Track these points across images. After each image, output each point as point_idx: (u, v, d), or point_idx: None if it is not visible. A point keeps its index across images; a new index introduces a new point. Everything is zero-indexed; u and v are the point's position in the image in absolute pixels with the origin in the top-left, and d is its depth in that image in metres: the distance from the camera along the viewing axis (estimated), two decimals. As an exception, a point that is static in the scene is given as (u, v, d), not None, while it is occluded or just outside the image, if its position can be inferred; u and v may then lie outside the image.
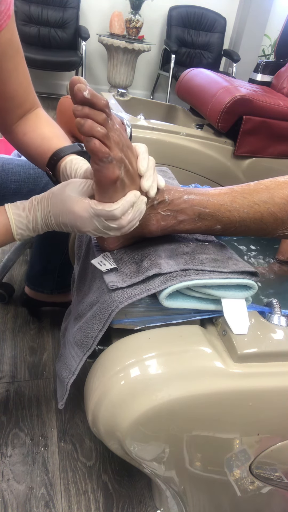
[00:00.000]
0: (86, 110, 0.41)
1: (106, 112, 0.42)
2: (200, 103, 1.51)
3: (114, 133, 0.44)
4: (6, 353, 1.07)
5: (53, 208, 0.51)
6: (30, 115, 0.68)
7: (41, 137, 0.66)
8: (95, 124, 0.41)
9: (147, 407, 0.49)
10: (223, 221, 0.56)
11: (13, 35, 0.59)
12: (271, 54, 3.70)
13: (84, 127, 0.41)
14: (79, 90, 0.40)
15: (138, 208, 0.50)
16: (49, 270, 1.06)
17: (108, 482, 0.82)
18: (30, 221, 0.52)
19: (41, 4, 3.11)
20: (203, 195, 0.56)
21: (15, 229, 0.52)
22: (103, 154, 0.43)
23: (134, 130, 1.24)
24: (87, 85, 0.40)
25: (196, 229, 0.57)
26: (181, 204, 0.55)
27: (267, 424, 0.54)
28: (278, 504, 0.72)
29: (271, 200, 0.55)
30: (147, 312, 0.54)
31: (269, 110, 1.40)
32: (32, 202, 0.53)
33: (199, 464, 0.59)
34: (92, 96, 0.40)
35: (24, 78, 0.64)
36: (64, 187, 0.51)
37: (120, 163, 0.46)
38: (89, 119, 0.41)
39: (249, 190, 0.57)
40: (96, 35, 3.26)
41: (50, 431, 0.89)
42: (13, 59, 0.61)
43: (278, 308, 0.56)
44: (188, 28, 3.50)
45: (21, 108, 0.66)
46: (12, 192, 0.85)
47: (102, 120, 0.42)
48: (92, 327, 0.54)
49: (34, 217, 0.52)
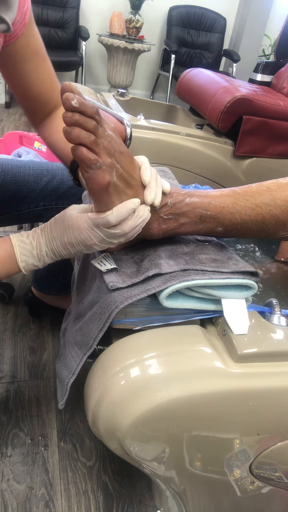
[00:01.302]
0: (76, 116, 0.41)
1: (95, 119, 0.42)
2: (200, 103, 1.51)
3: (104, 139, 0.44)
4: (6, 353, 1.07)
5: (56, 230, 0.51)
6: (56, 114, 0.71)
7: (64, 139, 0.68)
8: (82, 131, 0.42)
9: (147, 407, 0.49)
10: (225, 223, 0.56)
11: (30, 40, 0.62)
12: (271, 54, 3.70)
13: (71, 135, 0.42)
14: (67, 99, 0.40)
15: (141, 215, 0.50)
16: (54, 271, 1.07)
17: (108, 482, 0.82)
18: (34, 248, 0.52)
19: (41, 4, 3.11)
20: (205, 197, 0.56)
21: (20, 255, 0.52)
22: (90, 161, 0.43)
23: (134, 130, 1.24)
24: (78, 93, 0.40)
25: (198, 232, 0.57)
26: (183, 207, 0.55)
27: (267, 424, 0.54)
28: (278, 504, 0.72)
29: (273, 202, 0.55)
30: (147, 312, 0.54)
31: (269, 110, 1.40)
32: (36, 231, 0.53)
33: (199, 464, 0.59)
34: (80, 105, 0.40)
35: (46, 78, 0.67)
36: (65, 211, 0.52)
37: (111, 168, 0.46)
38: (79, 126, 0.41)
39: (251, 192, 0.56)
40: (96, 35, 3.26)
41: (50, 431, 0.89)
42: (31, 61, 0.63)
43: (278, 308, 0.56)
44: (188, 28, 3.50)
45: (46, 107, 0.69)
46: (12, 193, 0.85)
47: (92, 127, 0.42)
48: (92, 327, 0.54)
49: (38, 244, 0.52)
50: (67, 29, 3.21)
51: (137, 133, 1.30)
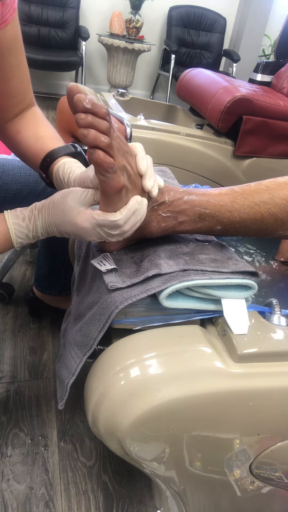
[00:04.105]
0: (89, 118, 0.40)
1: (107, 120, 0.41)
2: (200, 103, 1.51)
3: (115, 141, 0.44)
4: (6, 353, 1.07)
5: (54, 218, 0.51)
6: (26, 113, 0.68)
7: (34, 136, 0.66)
8: (99, 134, 0.41)
9: (147, 407, 0.49)
10: (224, 221, 0.56)
11: (17, 31, 0.59)
12: (271, 54, 3.70)
13: (88, 137, 0.40)
14: (79, 100, 0.39)
15: (140, 212, 0.50)
16: (56, 271, 1.07)
17: (108, 482, 0.82)
18: (30, 230, 0.52)
19: (41, 4, 3.11)
20: (204, 195, 0.56)
21: (15, 238, 0.52)
22: (108, 165, 0.42)
23: (134, 130, 1.24)
24: (87, 94, 0.40)
25: (197, 230, 0.57)
26: (181, 205, 0.55)
27: (267, 424, 0.54)
28: (278, 504, 0.72)
29: (271, 200, 0.55)
30: (147, 312, 0.54)
31: (269, 110, 1.40)
32: (32, 211, 0.52)
33: (199, 464, 0.59)
34: (93, 106, 0.39)
35: (25, 76, 0.64)
36: (65, 197, 0.50)
37: (123, 170, 0.46)
38: (93, 128, 0.40)
39: (249, 191, 0.57)
40: (96, 35, 3.26)
41: (50, 431, 0.89)
42: (17, 55, 0.60)
43: (278, 308, 0.56)
44: (188, 28, 3.50)
45: (20, 105, 0.66)
46: (12, 194, 0.85)
47: (106, 128, 0.41)
48: (92, 327, 0.54)
49: (34, 227, 0.52)
50: (67, 29, 3.21)
51: (137, 133, 1.30)
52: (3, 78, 0.61)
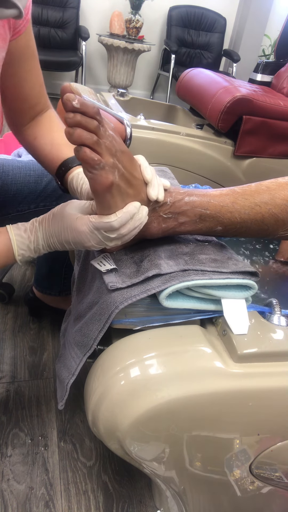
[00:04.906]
0: (78, 117, 0.41)
1: (97, 119, 0.42)
2: (200, 103, 1.51)
3: (106, 139, 0.44)
4: (6, 353, 1.07)
5: (54, 227, 0.52)
6: (42, 118, 0.69)
7: (50, 143, 0.67)
8: (84, 132, 0.42)
9: (147, 407, 0.49)
10: (224, 222, 0.56)
11: (30, 38, 0.61)
12: (271, 54, 3.70)
13: (73, 136, 0.42)
14: (68, 100, 0.40)
15: (139, 218, 0.51)
16: (56, 271, 1.07)
17: (108, 482, 0.82)
18: (32, 242, 0.53)
19: (41, 4, 3.11)
20: (204, 196, 0.56)
21: (17, 249, 0.53)
22: (94, 162, 0.43)
23: (134, 130, 1.24)
24: (79, 94, 0.41)
25: (197, 231, 0.57)
26: (182, 206, 0.55)
27: (267, 424, 0.54)
28: (278, 504, 0.72)
29: (272, 201, 0.55)
30: (147, 312, 0.54)
31: (269, 110, 1.40)
32: (33, 224, 0.54)
33: (199, 464, 0.59)
34: (81, 105, 0.40)
35: (38, 80, 0.66)
36: (64, 207, 0.52)
37: (113, 168, 0.46)
38: (80, 127, 0.41)
39: (250, 191, 0.57)
40: (96, 35, 3.26)
41: (50, 431, 0.89)
42: (28, 61, 0.62)
43: (278, 308, 0.56)
44: (188, 28, 3.50)
45: (33, 109, 0.68)
46: (12, 194, 0.85)
47: (94, 127, 0.42)
48: (92, 327, 0.54)
49: (35, 238, 0.53)
50: (67, 29, 3.21)
51: (137, 133, 1.30)
52: (17, 83, 0.63)
